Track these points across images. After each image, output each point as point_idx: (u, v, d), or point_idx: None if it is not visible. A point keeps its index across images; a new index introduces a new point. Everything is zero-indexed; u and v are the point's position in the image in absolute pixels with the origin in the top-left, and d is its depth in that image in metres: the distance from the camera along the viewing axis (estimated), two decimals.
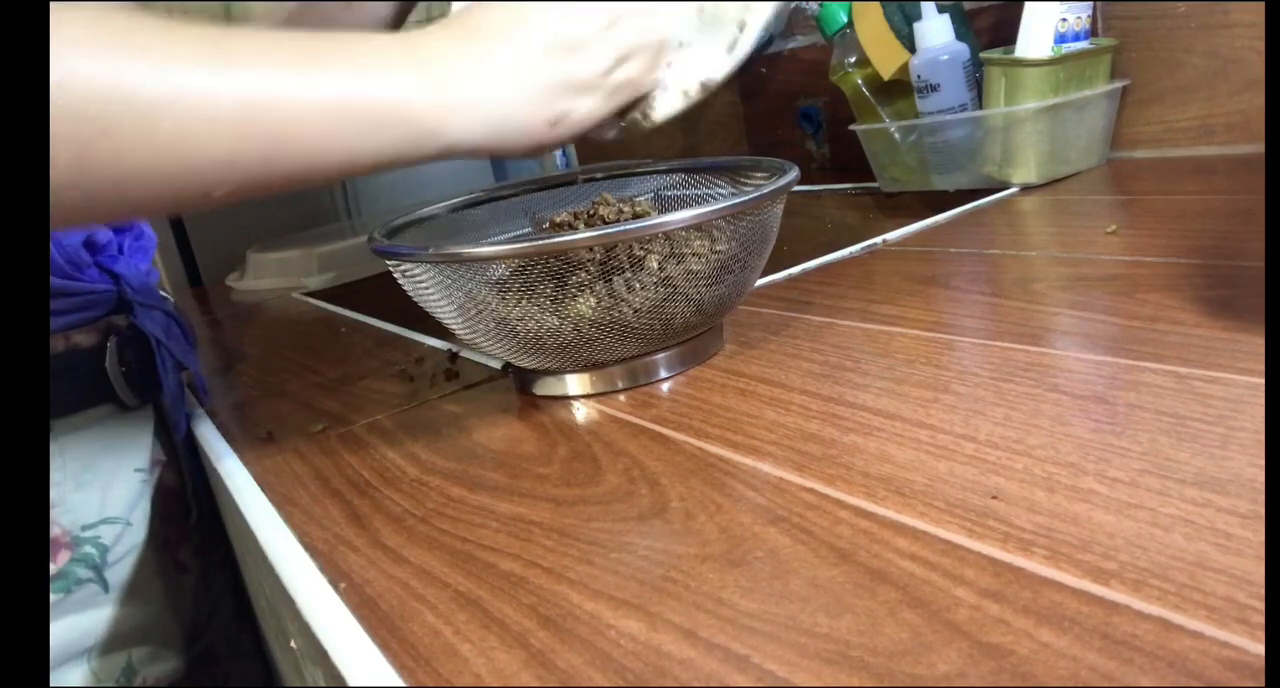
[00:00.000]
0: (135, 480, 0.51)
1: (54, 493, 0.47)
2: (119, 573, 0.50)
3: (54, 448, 0.47)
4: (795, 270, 0.57)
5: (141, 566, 0.51)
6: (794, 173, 0.42)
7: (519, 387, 0.44)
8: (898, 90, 0.78)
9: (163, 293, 0.55)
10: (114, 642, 0.50)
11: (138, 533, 0.51)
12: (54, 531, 0.47)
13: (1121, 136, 0.73)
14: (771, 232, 0.42)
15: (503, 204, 0.53)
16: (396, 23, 0.53)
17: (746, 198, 0.38)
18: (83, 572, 0.48)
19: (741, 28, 0.40)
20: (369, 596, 0.27)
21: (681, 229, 0.40)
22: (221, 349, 0.71)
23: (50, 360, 0.46)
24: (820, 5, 0.83)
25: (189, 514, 0.55)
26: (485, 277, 0.40)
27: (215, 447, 0.46)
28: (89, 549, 0.48)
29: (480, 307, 0.39)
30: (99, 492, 0.49)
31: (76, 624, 0.48)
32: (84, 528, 0.48)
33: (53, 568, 0.47)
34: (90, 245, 0.48)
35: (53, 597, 0.47)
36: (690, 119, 1.28)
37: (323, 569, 0.29)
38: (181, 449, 0.54)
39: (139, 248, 0.52)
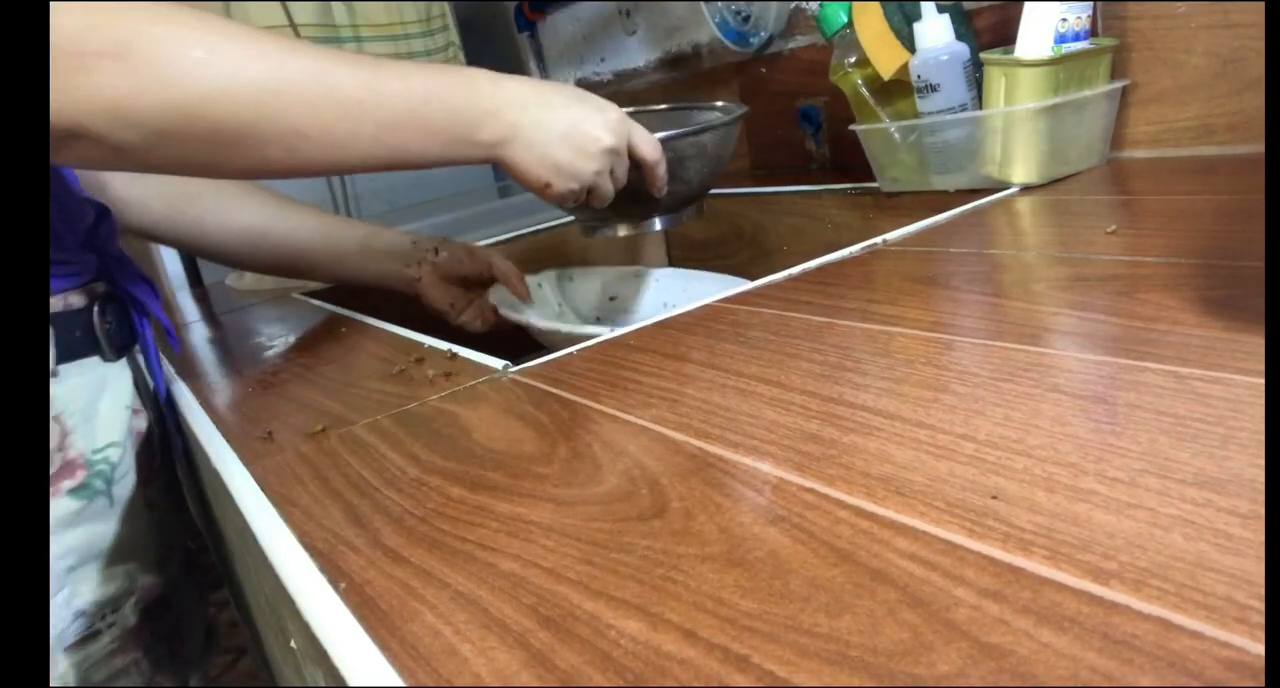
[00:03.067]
0: (126, 416, 0.59)
1: (69, 423, 0.54)
2: (122, 490, 0.58)
3: (63, 388, 0.54)
4: (795, 270, 0.57)
5: (133, 489, 0.59)
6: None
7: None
8: (898, 90, 0.78)
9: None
10: (116, 553, 0.58)
11: (130, 460, 0.59)
12: (71, 454, 0.55)
13: (1121, 136, 0.73)
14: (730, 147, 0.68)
15: None
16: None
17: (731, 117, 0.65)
18: (98, 484, 0.56)
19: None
20: (369, 596, 0.27)
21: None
22: (222, 349, 0.71)
23: (52, 317, 0.54)
24: (820, 5, 0.83)
25: (154, 458, 0.62)
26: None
27: (215, 447, 0.46)
28: (102, 467, 0.56)
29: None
30: (103, 422, 0.57)
31: (91, 532, 0.56)
32: (94, 451, 0.56)
33: (73, 483, 0.55)
34: (97, 226, 0.58)
35: (75, 505, 0.55)
36: None
37: (323, 569, 0.29)
38: (149, 399, 0.62)
39: (109, 227, 0.61)
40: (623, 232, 0.68)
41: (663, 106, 0.79)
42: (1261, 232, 0.46)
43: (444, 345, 0.55)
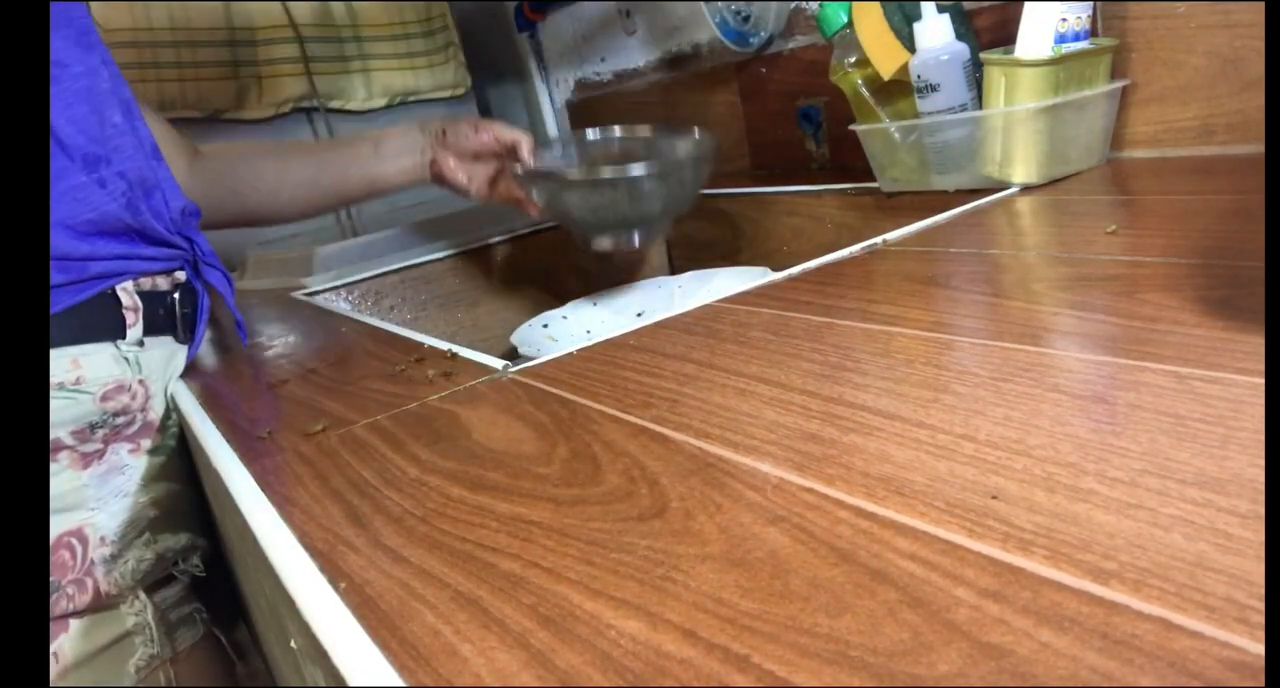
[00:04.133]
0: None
1: (152, 388, 0.62)
2: (186, 457, 0.66)
3: (147, 356, 0.62)
4: (795, 270, 0.57)
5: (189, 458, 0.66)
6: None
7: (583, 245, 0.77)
8: (898, 90, 0.78)
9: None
10: (187, 510, 0.66)
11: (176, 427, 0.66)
12: (151, 415, 0.62)
13: (1121, 136, 0.73)
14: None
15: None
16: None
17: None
18: (172, 443, 0.64)
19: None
20: (369, 596, 0.27)
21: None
22: (222, 349, 0.71)
23: (143, 295, 0.61)
24: (820, 5, 0.83)
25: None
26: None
27: (215, 446, 0.46)
28: (174, 429, 0.64)
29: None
30: (167, 392, 0.64)
31: (169, 488, 0.64)
32: (165, 417, 0.63)
33: (152, 443, 0.63)
34: (184, 213, 0.66)
35: (157, 462, 0.63)
36: (690, 120, 1.28)
37: (323, 569, 0.29)
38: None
39: (193, 213, 0.68)
40: (609, 244, 0.77)
41: (646, 131, 0.86)
42: (1261, 232, 0.46)
43: (444, 345, 0.55)
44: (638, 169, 0.70)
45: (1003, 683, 0.18)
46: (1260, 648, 0.18)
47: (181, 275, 0.65)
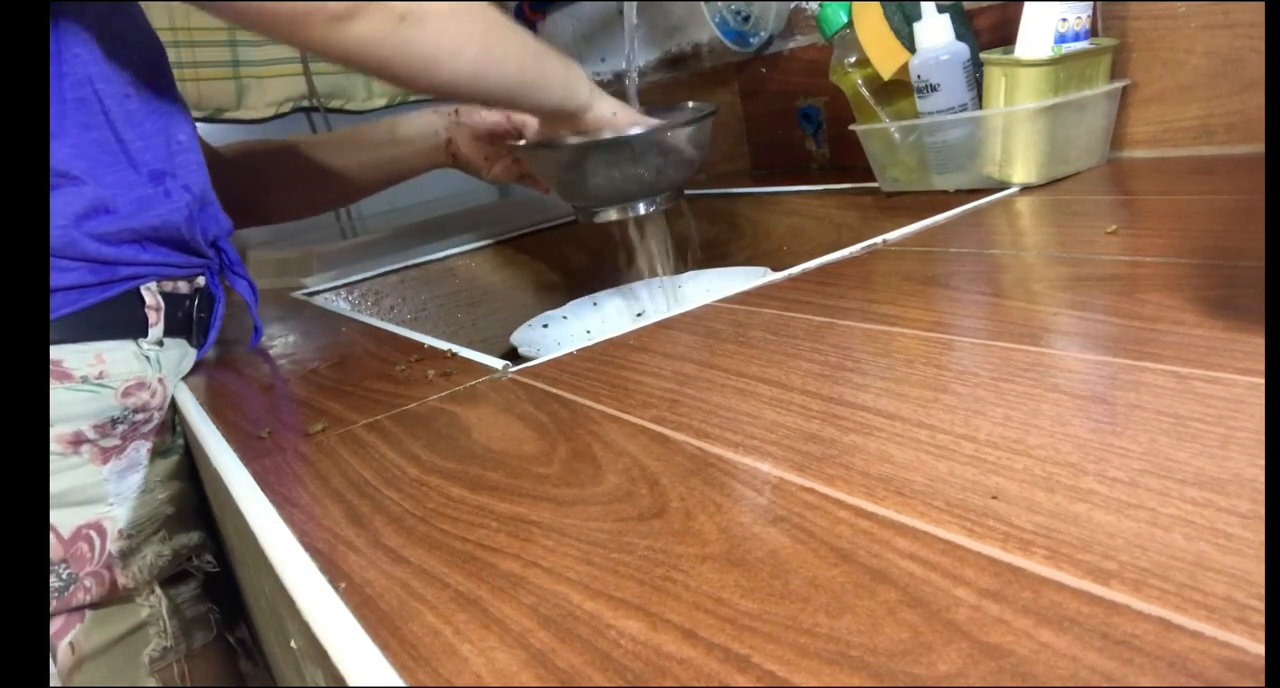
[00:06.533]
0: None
1: (169, 386, 0.63)
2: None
3: (166, 356, 0.62)
4: (795, 270, 0.57)
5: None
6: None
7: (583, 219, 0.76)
8: (898, 90, 0.78)
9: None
10: (198, 510, 0.66)
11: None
12: (167, 415, 0.63)
13: (1121, 136, 0.73)
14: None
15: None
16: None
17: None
18: (181, 443, 0.65)
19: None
20: (369, 596, 0.27)
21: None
22: (222, 348, 0.71)
23: (165, 296, 0.62)
24: (820, 5, 0.83)
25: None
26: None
27: (215, 446, 0.46)
28: (180, 427, 0.64)
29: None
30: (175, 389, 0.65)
31: (182, 487, 0.65)
32: (174, 416, 0.64)
33: (166, 443, 0.63)
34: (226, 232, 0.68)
35: (171, 460, 0.64)
36: None
37: (323, 569, 0.29)
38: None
39: (228, 225, 0.70)
40: (615, 215, 0.77)
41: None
42: (1261, 232, 0.46)
43: (444, 345, 0.55)
44: (636, 129, 0.70)
45: (1003, 683, 0.18)
46: (1260, 648, 0.18)
47: (201, 281, 0.66)
